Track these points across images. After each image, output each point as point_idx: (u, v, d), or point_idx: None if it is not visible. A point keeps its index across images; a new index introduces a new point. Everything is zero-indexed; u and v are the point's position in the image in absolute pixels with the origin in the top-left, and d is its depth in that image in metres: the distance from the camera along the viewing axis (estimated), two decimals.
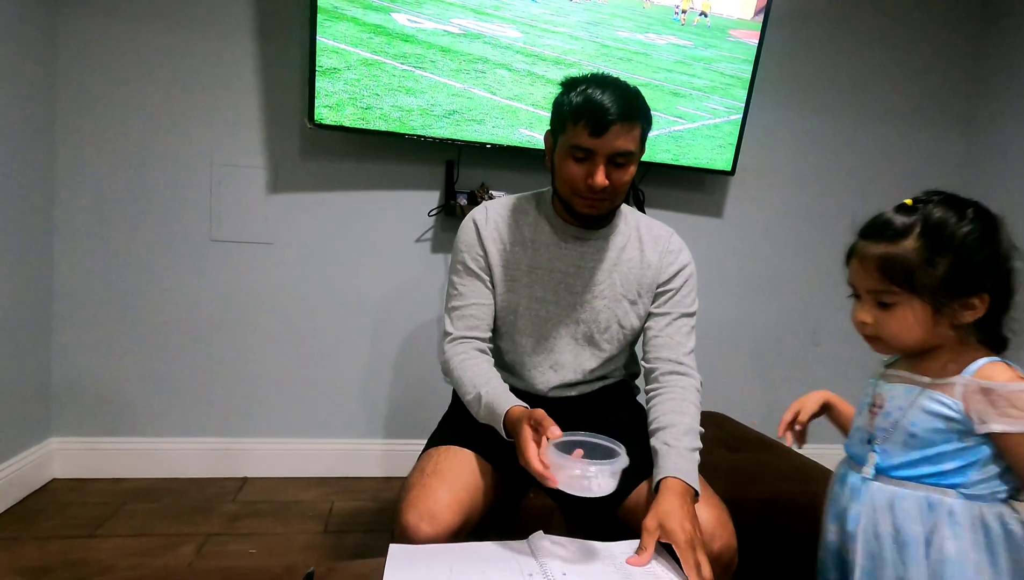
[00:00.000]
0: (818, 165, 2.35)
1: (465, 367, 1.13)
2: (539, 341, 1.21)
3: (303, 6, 1.83)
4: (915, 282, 0.79)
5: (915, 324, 0.81)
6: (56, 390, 1.91)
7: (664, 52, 2.04)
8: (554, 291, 1.20)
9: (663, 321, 1.21)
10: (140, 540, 1.58)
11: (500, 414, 1.03)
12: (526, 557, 0.88)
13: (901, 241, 0.80)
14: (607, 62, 1.98)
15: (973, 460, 0.79)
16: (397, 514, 0.99)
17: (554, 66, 1.95)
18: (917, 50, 2.38)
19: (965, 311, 0.80)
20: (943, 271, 0.78)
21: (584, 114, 1.05)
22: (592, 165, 1.08)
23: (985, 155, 2.39)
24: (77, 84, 1.85)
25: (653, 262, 1.22)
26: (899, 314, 0.81)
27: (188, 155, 1.93)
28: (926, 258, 0.78)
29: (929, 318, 0.80)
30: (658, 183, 2.17)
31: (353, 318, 2.07)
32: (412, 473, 1.08)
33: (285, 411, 2.06)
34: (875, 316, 0.84)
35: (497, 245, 1.21)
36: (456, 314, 1.20)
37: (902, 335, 0.82)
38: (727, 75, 2.09)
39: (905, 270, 0.79)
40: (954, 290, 0.79)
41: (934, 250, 0.78)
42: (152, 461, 1.97)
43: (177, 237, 1.95)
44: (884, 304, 0.82)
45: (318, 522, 1.75)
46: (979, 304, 0.79)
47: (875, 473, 0.86)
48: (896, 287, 0.80)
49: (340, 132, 1.90)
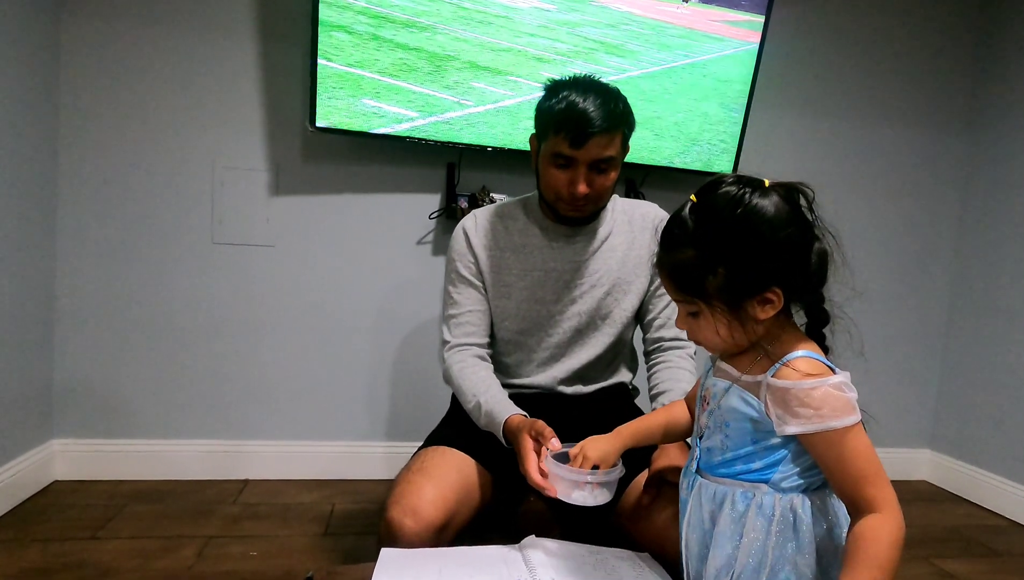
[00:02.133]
0: (819, 168, 2.35)
1: (465, 376, 1.16)
2: (542, 340, 1.24)
3: (305, 10, 1.84)
4: (705, 290, 0.75)
5: (720, 329, 0.77)
6: (58, 392, 1.92)
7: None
8: (552, 290, 1.22)
9: (662, 302, 1.27)
10: (141, 542, 1.59)
11: (500, 422, 1.05)
12: (516, 562, 0.89)
13: (683, 250, 0.76)
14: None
15: (780, 458, 0.76)
16: (383, 511, 1.01)
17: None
18: (918, 51, 2.38)
19: (763, 306, 0.75)
20: (722, 277, 0.74)
21: (564, 124, 1.07)
22: (574, 173, 1.11)
23: (987, 157, 2.38)
24: (80, 87, 1.86)
25: (646, 241, 1.27)
26: (704, 321, 0.78)
27: (190, 158, 1.94)
28: (704, 266, 0.74)
29: (731, 322, 0.76)
30: (658, 186, 2.17)
31: (354, 320, 2.08)
32: (400, 472, 1.10)
33: (286, 413, 2.07)
34: (688, 324, 0.80)
35: (488, 251, 1.24)
36: (453, 322, 1.23)
37: (713, 341, 0.79)
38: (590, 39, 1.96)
39: (691, 280, 0.76)
40: (741, 291, 0.74)
41: (708, 257, 0.74)
42: (153, 463, 1.97)
43: (179, 239, 1.95)
44: (691, 313, 0.79)
45: (319, 524, 1.76)
46: (774, 297, 0.74)
47: (697, 467, 0.84)
48: (690, 297, 0.77)
49: (341, 135, 1.91)
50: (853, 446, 0.71)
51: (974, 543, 1.95)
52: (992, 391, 2.26)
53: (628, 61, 2.00)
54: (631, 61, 2.00)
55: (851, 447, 0.71)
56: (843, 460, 0.72)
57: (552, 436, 0.95)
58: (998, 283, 2.28)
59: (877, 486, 0.71)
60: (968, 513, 2.20)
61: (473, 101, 1.91)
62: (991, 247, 2.32)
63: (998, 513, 2.19)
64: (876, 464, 0.72)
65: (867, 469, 0.71)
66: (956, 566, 1.77)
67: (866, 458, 0.72)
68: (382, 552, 0.89)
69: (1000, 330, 2.26)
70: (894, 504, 0.71)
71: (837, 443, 0.71)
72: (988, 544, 1.95)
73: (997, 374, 2.25)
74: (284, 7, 1.93)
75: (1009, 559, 1.86)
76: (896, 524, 0.70)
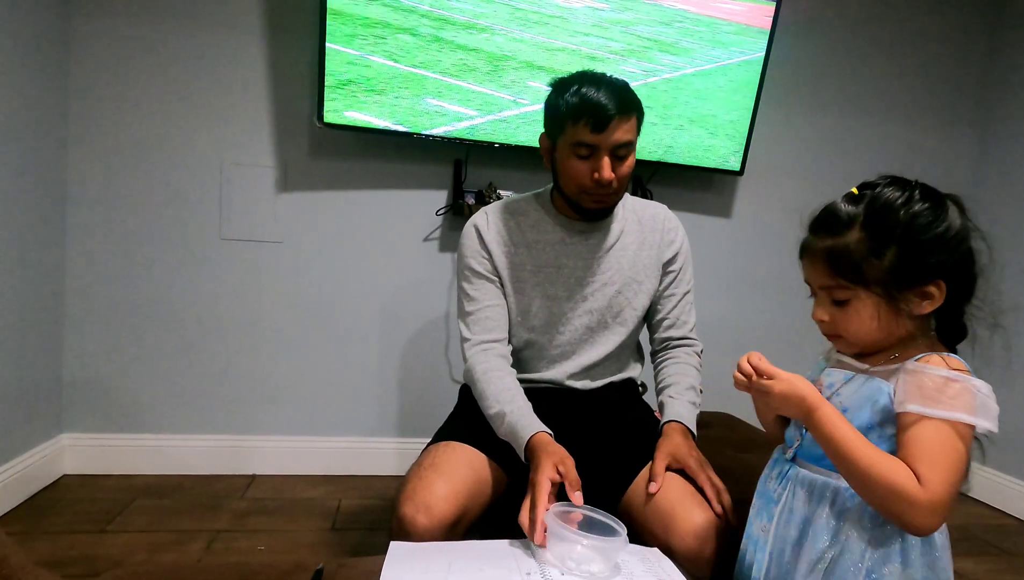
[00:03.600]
0: (828, 164, 2.33)
1: (489, 380, 1.14)
2: (554, 337, 1.24)
3: (313, 6, 1.84)
4: (864, 275, 0.74)
5: (871, 319, 0.76)
6: (67, 387, 1.93)
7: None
8: (565, 287, 1.22)
9: (670, 302, 1.29)
10: (150, 536, 1.59)
11: (523, 439, 1.05)
12: (525, 557, 0.88)
13: (846, 233, 0.76)
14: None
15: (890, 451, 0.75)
16: (395, 507, 1.01)
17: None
18: (929, 48, 2.36)
19: (923, 301, 0.74)
20: (891, 261, 0.73)
21: (584, 112, 1.09)
22: (596, 160, 1.11)
23: (998, 154, 2.37)
24: (89, 86, 1.86)
25: (655, 242, 1.28)
26: (853, 310, 0.77)
27: (198, 155, 1.94)
28: (871, 248, 0.74)
29: (885, 312, 0.75)
30: (666, 183, 2.17)
31: (362, 316, 2.08)
32: (411, 468, 1.09)
33: (293, 408, 2.07)
34: (831, 313, 0.79)
35: (501, 248, 1.23)
36: (471, 319, 1.22)
37: (860, 332, 0.78)
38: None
39: (852, 263, 0.75)
40: (906, 280, 0.74)
41: (879, 239, 0.74)
42: (162, 457, 1.98)
43: (187, 236, 1.96)
44: (838, 301, 0.78)
45: (326, 519, 1.76)
46: (936, 292, 0.74)
47: (795, 455, 0.84)
48: (846, 282, 0.76)
49: (349, 131, 1.91)
50: (953, 445, 0.70)
51: (983, 542, 1.94)
52: (1003, 390, 2.24)
53: (682, 59, 2.02)
54: (685, 59, 2.02)
55: (951, 445, 0.70)
56: (933, 451, 0.70)
57: (578, 488, 0.94)
58: (1002, 281, 2.26)
59: (936, 475, 0.69)
60: (978, 512, 2.19)
61: (529, 100, 1.95)
62: (998, 246, 2.29)
63: (1007, 512, 2.18)
64: (956, 468, 0.71)
65: (943, 464, 0.70)
66: (965, 564, 1.76)
67: (953, 460, 0.70)
68: (392, 545, 0.89)
69: (1005, 327, 2.24)
70: (938, 499, 0.69)
71: (944, 436, 0.70)
72: (997, 543, 1.94)
73: (1007, 373, 2.23)
74: (292, 2, 1.93)
75: (1018, 558, 1.85)
76: (922, 502, 0.69)
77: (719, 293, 2.28)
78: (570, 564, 0.84)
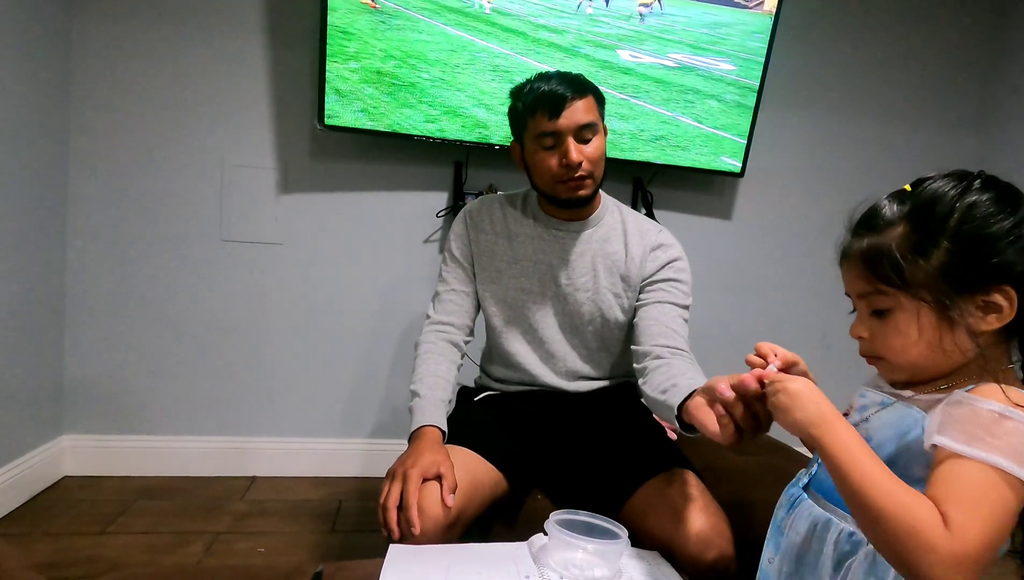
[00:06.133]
0: (829, 166, 2.33)
1: (425, 360, 1.21)
2: (529, 332, 1.26)
3: (314, 8, 1.84)
4: (907, 277, 0.60)
5: (917, 334, 0.61)
6: (68, 388, 1.93)
7: None
8: (539, 282, 1.24)
9: (655, 310, 1.19)
10: (150, 537, 1.59)
11: (416, 423, 1.10)
12: (524, 560, 0.88)
13: (888, 230, 0.63)
14: None
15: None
16: None
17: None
18: (931, 50, 2.36)
19: (987, 314, 0.59)
20: (940, 260, 0.59)
21: (539, 103, 1.13)
22: (561, 146, 1.13)
23: (1000, 155, 2.36)
24: (90, 86, 1.87)
25: (637, 256, 1.24)
26: (896, 323, 0.62)
27: (199, 156, 1.95)
28: (916, 244, 0.60)
29: (935, 325, 0.60)
30: (667, 185, 2.16)
31: (362, 318, 2.08)
32: None
33: (294, 411, 2.07)
34: (871, 328, 0.65)
35: (483, 235, 1.27)
36: (437, 299, 1.29)
37: (905, 351, 0.62)
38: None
39: (892, 263, 0.61)
40: (960, 284, 0.59)
41: (925, 233, 0.60)
42: (162, 459, 1.98)
43: (188, 237, 1.96)
44: (878, 311, 0.64)
45: (326, 521, 1.76)
46: (1003, 301, 0.58)
47: (807, 484, 0.72)
48: (885, 286, 0.62)
49: (349, 133, 1.91)
50: (999, 491, 0.54)
51: None
52: None
53: (682, 58, 2.03)
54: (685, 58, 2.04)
55: (996, 492, 0.54)
56: (971, 492, 0.54)
57: (453, 489, 0.97)
58: None
59: (970, 520, 0.52)
60: None
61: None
62: None
63: None
64: (997, 518, 0.54)
65: (981, 510, 0.53)
66: None
67: (997, 508, 0.54)
68: (391, 548, 0.89)
69: None
70: (965, 551, 0.52)
71: (990, 479, 0.54)
72: None
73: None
74: (293, 5, 1.94)
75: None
76: (944, 551, 0.52)
77: (718, 294, 2.27)
78: (574, 571, 0.83)
